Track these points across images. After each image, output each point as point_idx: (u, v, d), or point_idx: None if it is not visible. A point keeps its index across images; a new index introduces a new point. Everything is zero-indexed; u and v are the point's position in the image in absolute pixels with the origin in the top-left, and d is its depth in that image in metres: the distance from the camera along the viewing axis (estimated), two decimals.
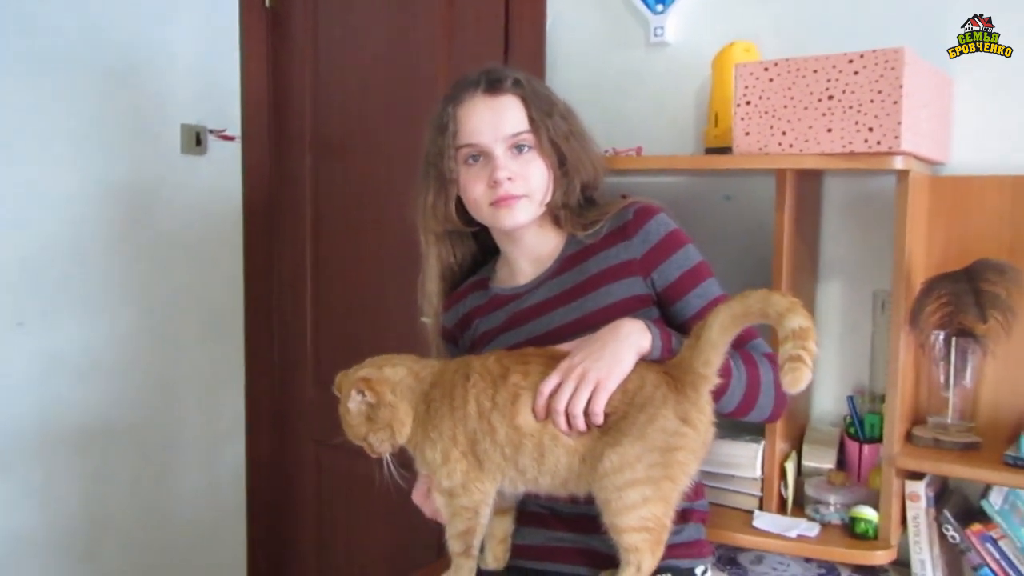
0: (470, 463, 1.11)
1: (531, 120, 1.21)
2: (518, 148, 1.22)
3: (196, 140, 2.19)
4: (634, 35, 1.72)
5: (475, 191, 1.23)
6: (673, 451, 1.04)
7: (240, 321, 2.35)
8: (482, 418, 1.10)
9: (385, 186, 2.13)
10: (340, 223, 2.24)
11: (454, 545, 1.14)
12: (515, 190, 1.21)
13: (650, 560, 1.05)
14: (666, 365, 1.09)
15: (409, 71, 2.06)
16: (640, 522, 1.03)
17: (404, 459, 1.19)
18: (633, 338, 1.08)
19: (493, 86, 1.22)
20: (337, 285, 2.26)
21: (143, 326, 2.13)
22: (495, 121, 1.21)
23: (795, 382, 0.96)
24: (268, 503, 2.41)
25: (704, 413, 1.07)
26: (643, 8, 1.68)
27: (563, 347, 1.13)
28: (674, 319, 1.21)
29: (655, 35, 1.68)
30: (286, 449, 2.39)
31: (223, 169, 2.27)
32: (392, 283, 2.14)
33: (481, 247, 1.37)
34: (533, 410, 1.08)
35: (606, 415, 1.06)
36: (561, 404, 1.06)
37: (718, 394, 1.09)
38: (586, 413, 1.06)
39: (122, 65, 2.04)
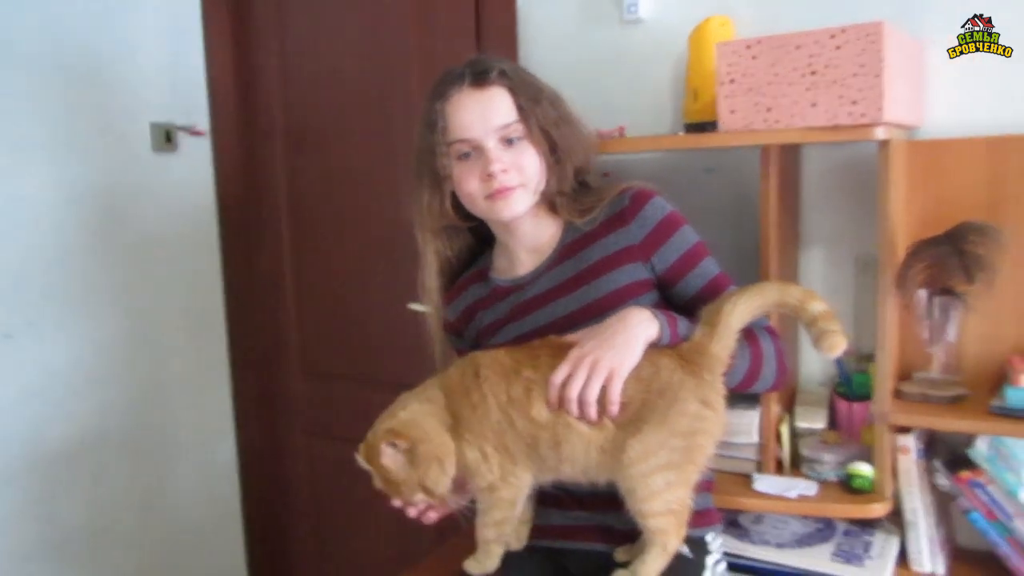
0: (503, 456, 1.13)
1: (520, 110, 1.21)
2: (508, 139, 1.22)
3: (166, 138, 2.15)
4: (608, 13, 1.73)
5: (469, 186, 1.23)
6: (694, 435, 1.08)
7: (222, 316, 2.34)
8: (501, 411, 1.12)
9: (362, 175, 2.13)
10: (318, 213, 2.23)
11: (488, 533, 1.17)
12: (510, 181, 1.21)
13: (675, 540, 1.09)
14: (678, 349, 1.12)
15: (381, 56, 2.05)
16: (665, 506, 1.07)
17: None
18: (642, 326, 1.10)
19: (479, 79, 1.22)
20: (319, 275, 2.26)
21: (126, 329, 2.11)
22: (484, 114, 1.21)
23: (834, 347, 1.09)
24: (263, 495, 2.43)
25: (721, 394, 1.11)
26: None
27: (571, 337, 1.15)
28: (675, 300, 1.23)
29: (629, 12, 1.69)
30: (277, 441, 2.40)
31: (195, 165, 2.24)
32: (374, 270, 2.15)
33: (477, 238, 1.38)
34: (547, 401, 1.10)
35: (622, 405, 1.08)
36: (574, 392, 1.07)
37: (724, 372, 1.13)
38: (601, 402, 1.08)
39: (85, 65, 2.00)
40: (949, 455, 1.42)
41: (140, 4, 2.10)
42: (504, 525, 1.16)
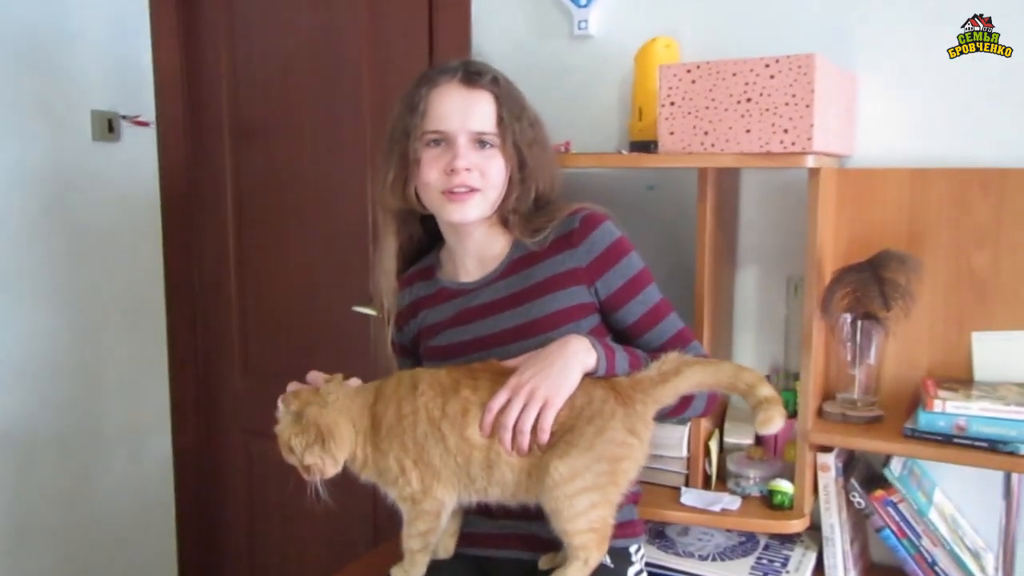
0: (424, 471, 1.14)
1: (500, 120, 1.22)
2: (482, 143, 1.23)
3: (108, 127, 2.11)
4: (559, 28, 1.75)
5: (430, 175, 1.23)
6: (619, 460, 1.11)
7: (161, 311, 2.30)
8: (432, 425, 1.13)
9: (308, 173, 2.12)
10: (263, 209, 2.21)
11: (414, 543, 1.17)
12: (471, 181, 1.21)
13: (597, 554, 1.12)
14: (614, 382, 1.14)
15: (332, 57, 2.04)
16: (588, 524, 1.10)
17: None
18: (580, 356, 1.12)
19: (471, 78, 1.23)
20: (262, 272, 2.24)
21: (62, 320, 2.06)
22: (465, 111, 1.21)
23: (767, 423, 1.13)
24: (196, 493, 2.39)
25: (648, 427, 1.14)
26: (567, 1, 1.71)
27: (511, 363, 1.16)
28: (616, 325, 1.26)
29: (579, 28, 1.71)
30: (214, 439, 2.37)
31: (138, 156, 2.20)
32: (319, 268, 2.14)
33: (428, 234, 1.37)
34: (480, 426, 1.12)
35: (552, 432, 1.10)
36: (510, 420, 1.09)
37: None
38: (532, 430, 1.10)
39: (24, 45, 1.94)
40: (866, 474, 1.48)
41: None
42: (429, 536, 1.17)
